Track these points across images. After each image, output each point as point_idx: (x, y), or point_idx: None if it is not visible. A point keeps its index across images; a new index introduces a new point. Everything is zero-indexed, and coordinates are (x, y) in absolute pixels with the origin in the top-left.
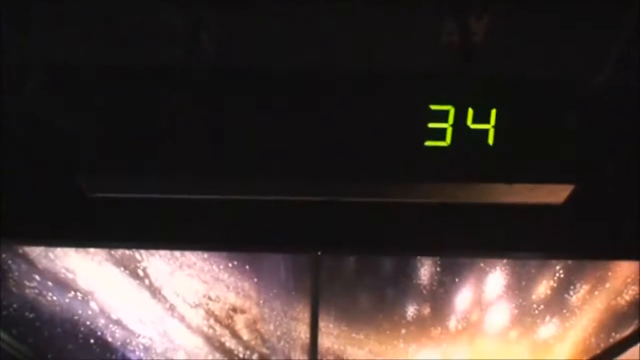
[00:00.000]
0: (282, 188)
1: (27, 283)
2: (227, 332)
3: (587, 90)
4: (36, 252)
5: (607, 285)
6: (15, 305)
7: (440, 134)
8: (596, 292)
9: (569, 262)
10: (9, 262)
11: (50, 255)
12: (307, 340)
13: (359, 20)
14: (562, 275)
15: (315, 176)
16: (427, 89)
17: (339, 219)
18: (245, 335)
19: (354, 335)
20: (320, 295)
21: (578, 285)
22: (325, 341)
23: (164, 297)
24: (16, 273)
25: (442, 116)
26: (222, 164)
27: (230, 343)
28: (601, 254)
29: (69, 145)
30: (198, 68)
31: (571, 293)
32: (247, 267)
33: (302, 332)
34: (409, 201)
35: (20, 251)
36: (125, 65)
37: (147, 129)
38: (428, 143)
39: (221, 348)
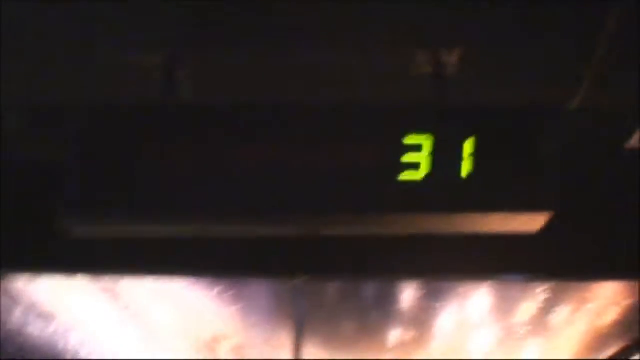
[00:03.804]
0: (259, 223)
1: (11, 314)
2: (211, 358)
3: (560, 117)
4: (20, 283)
5: (589, 306)
6: (0, 336)
7: (414, 167)
8: (579, 314)
9: (552, 284)
10: None
11: (34, 286)
12: None
13: (333, 55)
14: (545, 298)
15: (293, 211)
16: (401, 121)
17: (321, 246)
18: None
19: None
20: (304, 321)
21: (561, 306)
22: None
23: (148, 324)
24: (1, 304)
25: (416, 148)
26: (201, 201)
27: None
28: (583, 276)
29: (51, 183)
30: (176, 107)
31: (554, 314)
32: (230, 293)
33: (287, 357)
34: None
35: (5, 282)
36: (104, 105)
37: (128, 168)
38: (402, 175)
39: None
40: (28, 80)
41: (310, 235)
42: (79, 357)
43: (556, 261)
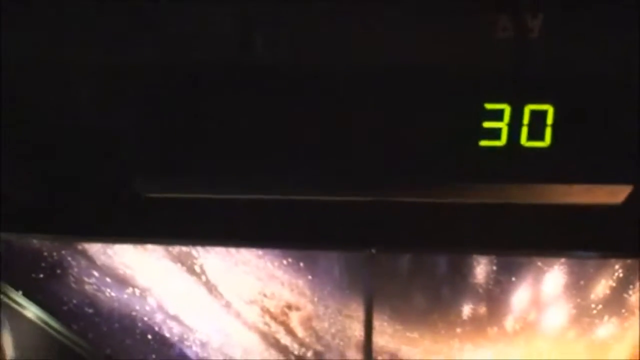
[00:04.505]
0: (335, 188)
1: (86, 279)
2: (282, 328)
3: None
4: (95, 248)
5: None
6: (75, 301)
7: (495, 134)
8: None
9: (628, 261)
10: (69, 258)
11: (109, 251)
12: (362, 339)
13: (413, 18)
14: (621, 275)
15: (368, 177)
16: (482, 87)
17: (393, 217)
18: (300, 332)
19: (408, 334)
20: (375, 293)
21: (637, 284)
22: (380, 340)
23: (220, 293)
24: (76, 269)
25: (497, 115)
26: (276, 165)
27: (285, 340)
28: None
29: (124, 146)
30: (249, 68)
31: (630, 292)
32: (301, 264)
33: (357, 330)
34: (464, 202)
35: (80, 248)
36: (178, 65)
37: (202, 130)
38: (483, 143)
39: (276, 345)
40: (99, 42)
41: (383, 205)
42: (154, 321)
43: (634, 237)
